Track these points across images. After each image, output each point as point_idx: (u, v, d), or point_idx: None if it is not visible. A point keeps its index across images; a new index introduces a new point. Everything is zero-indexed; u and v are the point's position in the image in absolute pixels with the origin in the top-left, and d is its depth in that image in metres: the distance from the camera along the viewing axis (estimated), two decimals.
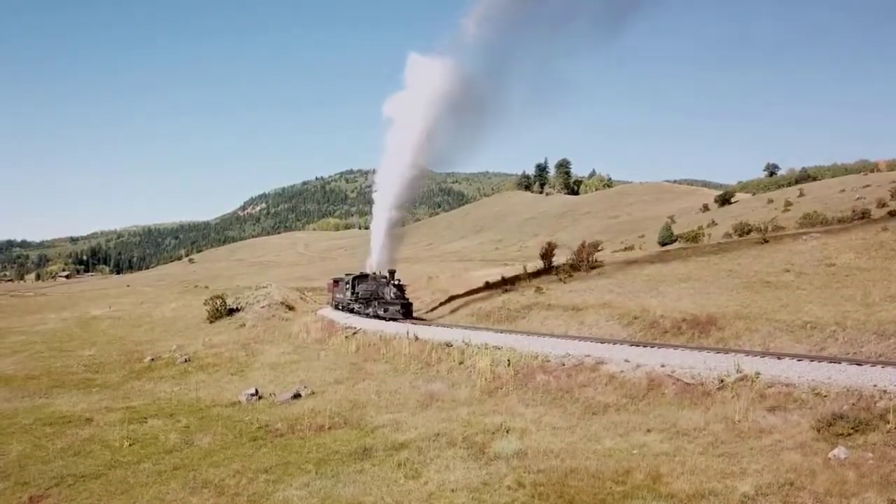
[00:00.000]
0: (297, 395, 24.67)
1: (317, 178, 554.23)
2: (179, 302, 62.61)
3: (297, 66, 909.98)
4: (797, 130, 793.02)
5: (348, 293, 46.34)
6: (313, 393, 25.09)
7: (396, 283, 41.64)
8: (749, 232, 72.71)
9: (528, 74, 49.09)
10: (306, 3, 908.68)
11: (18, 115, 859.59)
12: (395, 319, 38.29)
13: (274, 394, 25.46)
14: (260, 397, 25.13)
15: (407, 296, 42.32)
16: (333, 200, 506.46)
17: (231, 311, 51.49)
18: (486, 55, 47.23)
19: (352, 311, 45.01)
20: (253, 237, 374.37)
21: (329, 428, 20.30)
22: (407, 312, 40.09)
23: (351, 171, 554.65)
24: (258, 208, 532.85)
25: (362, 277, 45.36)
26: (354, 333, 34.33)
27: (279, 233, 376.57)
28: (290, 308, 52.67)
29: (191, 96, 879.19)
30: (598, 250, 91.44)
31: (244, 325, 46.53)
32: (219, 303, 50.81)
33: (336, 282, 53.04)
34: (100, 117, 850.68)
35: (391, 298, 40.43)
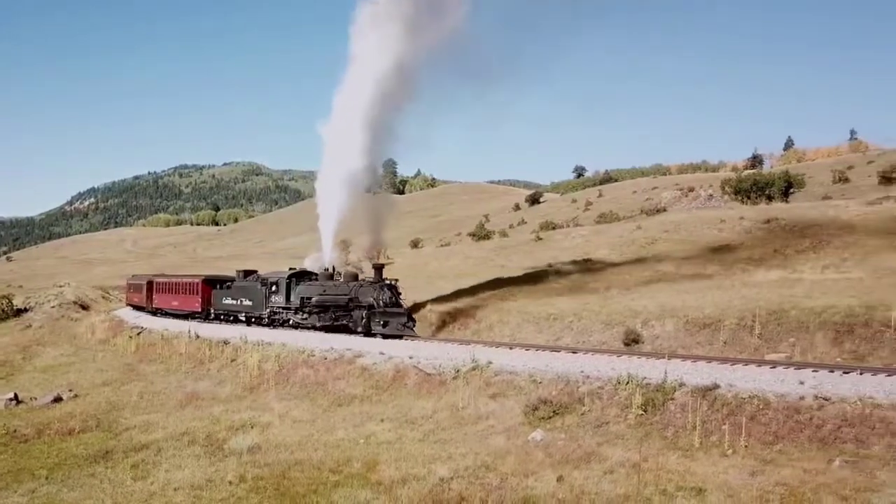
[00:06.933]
0: (57, 399, 23.20)
1: (149, 173, 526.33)
2: None
3: (126, 54, 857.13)
4: (606, 134, 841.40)
5: (276, 299, 32.31)
6: (76, 396, 23.73)
7: (390, 283, 28.39)
8: (554, 228, 76.36)
9: None
10: None
11: None
12: (395, 337, 26.37)
13: (35, 398, 23.84)
14: (19, 402, 23.40)
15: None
16: (167, 196, 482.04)
17: (19, 312, 47.57)
18: None
19: (278, 324, 32.42)
20: (80, 234, 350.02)
21: (78, 432, 19.21)
22: (413, 325, 27.42)
23: (185, 166, 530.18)
24: (86, 203, 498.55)
25: (302, 276, 32.39)
26: (139, 333, 32.87)
27: (108, 229, 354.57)
28: (84, 308, 49.66)
29: (14, 83, 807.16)
30: (419, 247, 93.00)
31: (30, 325, 43.43)
32: (4, 303, 46.90)
33: (215, 283, 39.48)
34: None
35: (385, 306, 27.32)
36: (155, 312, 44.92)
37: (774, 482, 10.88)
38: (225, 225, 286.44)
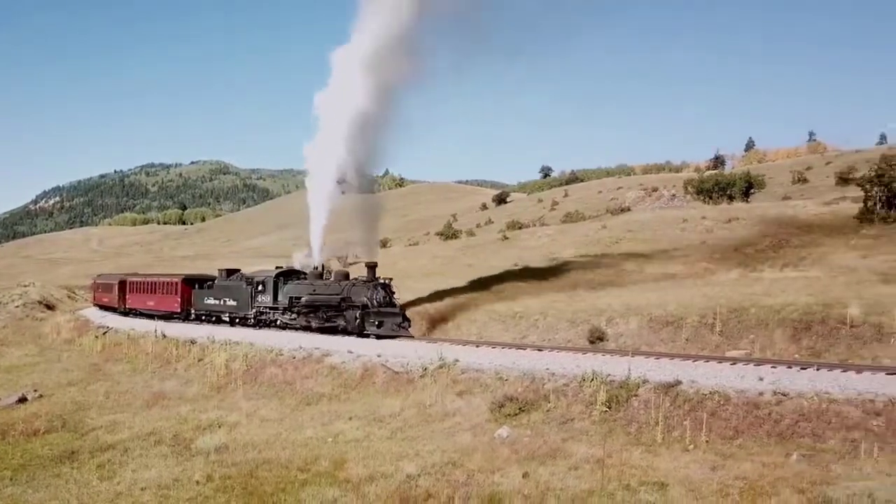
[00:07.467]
0: (22, 399, 22.69)
1: (115, 171, 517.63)
2: None
3: (92, 53, 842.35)
4: (573, 134, 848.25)
5: (263, 299, 30.97)
6: (41, 396, 23.25)
7: (384, 282, 26.76)
8: (521, 227, 76.58)
9: None
10: None
11: None
12: (390, 337, 24.94)
13: None
14: None
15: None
16: (133, 195, 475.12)
17: None
18: None
19: (265, 324, 31.15)
20: (45, 233, 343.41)
21: (44, 432, 18.85)
22: (408, 325, 26.23)
23: (152, 165, 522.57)
24: (52, 202, 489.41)
25: (290, 275, 31.00)
26: (105, 333, 32.38)
27: (73, 228, 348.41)
28: (49, 307, 48.74)
29: None
30: (388, 246, 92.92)
31: None
32: None
33: (195, 282, 37.54)
34: None
35: (379, 306, 25.67)
36: (127, 313, 43.24)
37: (734, 476, 11.07)
38: (192, 224, 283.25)
